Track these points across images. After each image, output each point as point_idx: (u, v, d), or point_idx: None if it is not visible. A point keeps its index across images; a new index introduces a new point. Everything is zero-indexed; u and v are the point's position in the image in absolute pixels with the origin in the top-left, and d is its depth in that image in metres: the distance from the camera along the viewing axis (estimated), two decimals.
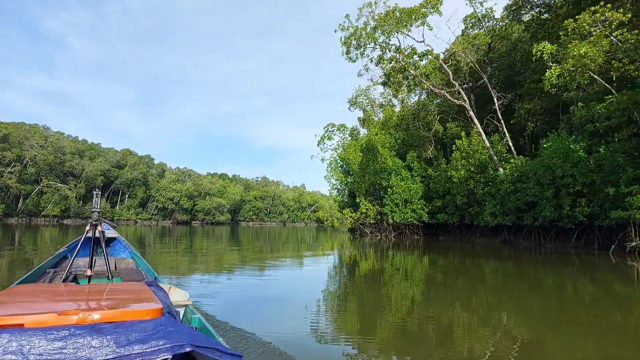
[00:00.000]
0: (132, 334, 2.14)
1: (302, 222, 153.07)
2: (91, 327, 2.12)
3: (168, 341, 2.12)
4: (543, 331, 6.28)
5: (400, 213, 33.32)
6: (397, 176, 34.15)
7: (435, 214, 33.29)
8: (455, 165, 29.63)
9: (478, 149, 28.69)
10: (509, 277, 13.39)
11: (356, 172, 40.01)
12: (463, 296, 9.51)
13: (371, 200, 37.07)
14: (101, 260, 6.73)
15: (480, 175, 28.60)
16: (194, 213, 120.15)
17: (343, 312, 7.93)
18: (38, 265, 5.94)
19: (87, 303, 2.51)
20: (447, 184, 31.68)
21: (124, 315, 2.29)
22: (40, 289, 2.97)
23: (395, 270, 14.89)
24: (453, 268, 15.68)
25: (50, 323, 2.11)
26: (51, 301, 2.55)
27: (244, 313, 7.46)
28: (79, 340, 2.02)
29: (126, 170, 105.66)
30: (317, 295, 9.59)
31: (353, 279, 13.01)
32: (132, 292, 2.97)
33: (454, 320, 7.09)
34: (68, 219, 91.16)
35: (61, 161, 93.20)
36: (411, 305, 8.56)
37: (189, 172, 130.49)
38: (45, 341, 1.96)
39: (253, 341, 5.44)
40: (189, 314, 4.14)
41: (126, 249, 8.33)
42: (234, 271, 13.71)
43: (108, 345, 2.05)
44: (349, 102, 60.69)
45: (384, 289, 10.71)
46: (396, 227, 35.70)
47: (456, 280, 12.27)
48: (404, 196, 33.33)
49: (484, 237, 30.33)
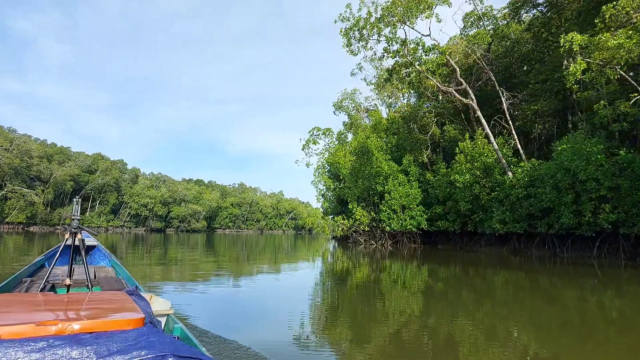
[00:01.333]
0: (113, 344, 2.05)
1: (279, 230, 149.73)
2: (70, 337, 2.03)
3: (150, 351, 2.03)
4: (562, 348, 5.86)
5: (398, 220, 31.01)
6: (394, 181, 31.90)
7: (434, 221, 31.10)
8: (459, 169, 27.52)
9: (484, 151, 26.72)
10: (521, 289, 12.14)
11: (348, 176, 37.63)
12: (467, 308, 8.89)
13: (364, 206, 34.74)
14: (80, 268, 6.57)
15: (486, 180, 26.59)
16: (168, 220, 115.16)
17: (330, 322, 7.64)
18: (14, 274, 5.76)
19: (66, 313, 2.40)
20: (447, 189, 29.60)
21: (105, 325, 2.20)
22: (16, 299, 2.84)
23: (391, 281, 13.83)
24: (456, 279, 14.61)
25: (27, 334, 2.00)
26: (28, 311, 2.42)
27: (226, 322, 7.31)
28: (57, 351, 1.93)
29: (97, 176, 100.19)
30: (304, 305, 9.33)
31: (343, 289, 12.22)
32: (112, 301, 2.84)
33: (456, 333, 6.66)
34: (34, 226, 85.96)
35: (28, 165, 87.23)
36: (407, 316, 8.10)
37: (164, 178, 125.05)
38: (22, 353, 1.87)
39: (236, 350, 5.34)
40: (171, 324, 4.04)
41: (106, 257, 8.07)
42: (214, 281, 13.14)
43: (88, 356, 1.96)
44: (334, 106, 58.53)
45: (377, 299, 10.17)
46: (392, 235, 33.39)
47: (460, 292, 11.44)
48: (402, 202, 31.07)
49: (490, 245, 28.25)
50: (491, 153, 26.59)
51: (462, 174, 27.23)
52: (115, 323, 2.24)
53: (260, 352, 5.27)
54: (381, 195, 34.17)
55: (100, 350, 2.00)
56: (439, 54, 23.23)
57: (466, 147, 27.57)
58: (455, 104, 34.10)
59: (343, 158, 40.54)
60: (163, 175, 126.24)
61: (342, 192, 39.18)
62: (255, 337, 6.13)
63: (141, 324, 2.33)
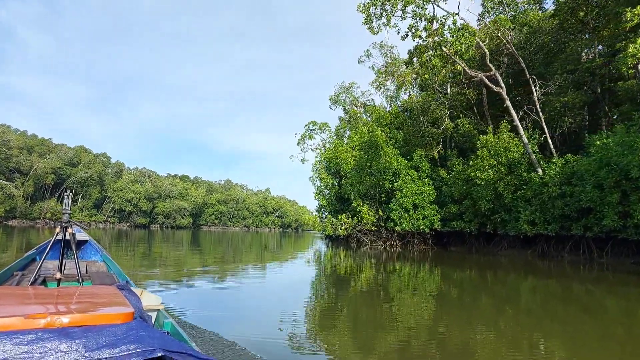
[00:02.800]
0: (102, 338, 2.02)
1: (266, 227, 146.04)
2: (59, 331, 1.99)
3: (139, 345, 2.01)
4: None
5: (410, 220, 28.24)
6: (406, 177, 29.11)
7: (448, 222, 28.43)
8: (480, 165, 24.86)
9: (509, 146, 24.10)
10: (551, 297, 10.85)
11: (351, 173, 34.67)
12: (487, 316, 8.24)
13: (370, 204, 31.94)
14: (71, 263, 6.46)
15: (511, 177, 23.97)
16: (153, 216, 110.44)
17: (328, 325, 7.20)
18: (4, 268, 5.70)
19: (55, 306, 2.33)
20: (464, 187, 26.97)
21: (94, 319, 2.15)
22: (6, 292, 2.73)
23: (400, 284, 12.83)
24: (473, 283, 13.46)
25: (16, 327, 1.96)
26: (18, 304, 2.36)
27: (216, 319, 7.09)
28: (46, 344, 1.89)
29: (80, 169, 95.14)
30: (299, 305, 8.89)
31: (344, 291, 11.32)
32: (102, 295, 2.79)
33: (473, 343, 6.01)
34: (14, 220, 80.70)
35: (7, 156, 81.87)
36: (416, 321, 7.51)
37: (149, 173, 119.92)
38: (11, 345, 1.84)
39: (226, 346, 5.26)
40: (161, 319, 3.92)
41: (97, 252, 8.02)
42: (203, 278, 12.78)
43: (77, 349, 1.92)
44: (330, 100, 55.73)
45: (382, 303, 9.44)
46: (401, 236, 30.64)
47: (478, 298, 10.47)
48: (414, 200, 28.29)
49: (512, 248, 25.61)
50: (517, 148, 23.99)
51: (484, 170, 24.55)
52: (104, 317, 2.19)
53: (251, 349, 5.17)
54: (388, 193, 31.40)
55: (89, 343, 1.96)
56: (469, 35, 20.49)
57: (489, 141, 24.92)
58: (468, 97, 31.54)
59: (345, 153, 37.62)
60: (148, 170, 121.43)
61: (344, 189, 36.26)
62: (247, 334, 5.99)
63: (131, 318, 2.27)
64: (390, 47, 32.57)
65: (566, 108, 24.58)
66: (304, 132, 52.37)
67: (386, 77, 34.42)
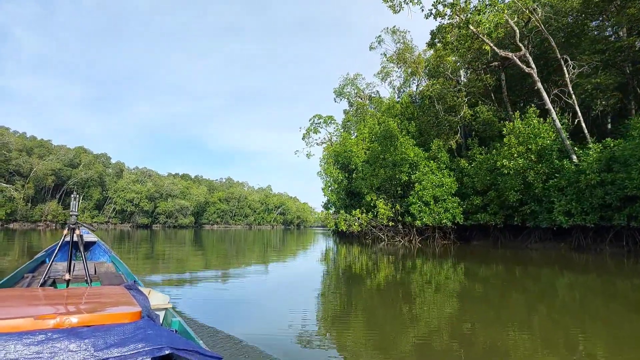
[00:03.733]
0: (110, 337, 2.03)
1: (268, 225, 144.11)
2: (68, 331, 2.01)
3: (147, 344, 2.02)
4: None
5: (431, 213, 26.38)
6: (425, 168, 27.22)
7: (470, 214, 26.59)
8: (508, 153, 23.00)
9: (539, 132, 22.24)
10: (590, 293, 9.95)
11: (364, 166, 32.76)
12: (517, 314, 7.35)
13: (384, 198, 30.09)
14: (80, 264, 6.39)
15: (542, 165, 22.13)
16: (155, 216, 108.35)
17: (341, 323, 6.80)
18: (16, 270, 5.76)
19: (64, 307, 2.34)
20: (488, 178, 25.14)
21: (102, 319, 2.15)
22: (16, 294, 2.81)
23: (422, 281, 11.75)
24: (500, 279, 12.32)
25: (26, 328, 1.97)
26: (28, 306, 2.38)
27: (224, 317, 7.01)
28: (56, 344, 1.91)
29: (80, 170, 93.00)
30: (311, 304, 8.53)
31: (359, 288, 10.63)
32: (111, 295, 2.79)
33: (502, 342, 5.57)
34: (14, 223, 78.88)
35: (6, 159, 79.81)
36: (438, 320, 6.86)
37: (149, 172, 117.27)
38: (21, 346, 1.86)
39: (234, 344, 5.23)
40: (169, 317, 3.97)
41: (106, 253, 8.00)
42: (211, 277, 12.50)
43: (86, 349, 1.94)
44: (334, 93, 53.84)
45: (401, 300, 8.80)
46: (420, 231, 28.80)
47: (507, 295, 9.71)
48: (435, 193, 26.42)
49: (543, 241, 23.75)
50: (547, 134, 22.14)
51: (512, 158, 22.69)
52: (113, 316, 2.19)
53: (260, 346, 5.13)
54: (405, 186, 29.57)
55: (97, 343, 1.97)
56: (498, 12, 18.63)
57: (516, 128, 23.04)
58: (485, 83, 29.67)
59: (355, 146, 35.73)
60: (148, 169, 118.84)
61: (355, 183, 34.39)
62: (255, 331, 5.91)
63: (138, 317, 2.27)
64: (403, 32, 30.66)
65: (598, 90, 22.73)
66: (309, 126, 50.58)
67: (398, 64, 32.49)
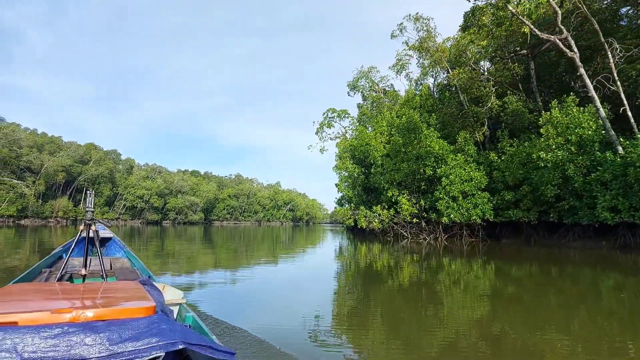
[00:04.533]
0: (125, 331, 2.03)
1: (277, 221, 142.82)
2: (84, 325, 2.02)
3: (161, 339, 2.02)
4: None
5: (459, 209, 24.71)
6: (453, 162, 25.52)
7: (501, 210, 24.89)
8: (545, 145, 21.28)
9: (580, 121, 20.51)
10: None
11: (384, 160, 31.10)
12: (555, 317, 6.68)
13: (406, 193, 28.46)
14: (96, 259, 6.45)
15: (583, 157, 20.40)
16: (165, 212, 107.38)
17: (359, 322, 6.48)
18: (34, 265, 5.83)
19: (81, 301, 2.40)
20: (520, 171, 23.41)
21: (117, 313, 2.18)
22: (34, 288, 2.87)
23: (449, 281, 10.88)
24: (535, 280, 11.24)
25: (43, 321, 2.02)
26: (45, 300, 2.43)
27: (238, 313, 6.82)
28: (72, 338, 1.92)
29: (90, 166, 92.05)
30: (326, 300, 8.32)
31: (379, 287, 9.98)
32: (125, 290, 2.83)
33: (537, 344, 5.12)
34: (26, 219, 78.07)
35: (17, 155, 79.02)
36: (467, 321, 6.36)
37: (159, 169, 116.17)
38: (39, 339, 1.87)
39: (247, 339, 5.12)
40: (183, 312, 3.93)
41: (121, 248, 7.93)
42: (225, 272, 12.12)
43: (101, 342, 1.94)
44: (348, 86, 52.22)
45: (425, 301, 8.16)
46: (445, 228, 27.13)
47: (543, 297, 8.60)
48: (464, 188, 24.74)
49: (582, 239, 22.00)
50: (588, 124, 20.39)
51: (550, 150, 20.98)
52: (127, 311, 2.20)
53: (274, 343, 4.96)
54: (428, 181, 27.92)
55: (112, 337, 1.97)
56: None
57: (554, 117, 21.30)
58: (513, 72, 27.88)
59: (374, 140, 34.07)
60: (158, 166, 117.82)
61: (374, 178, 32.78)
62: (269, 328, 5.76)
63: (152, 312, 2.28)
64: (426, 19, 28.92)
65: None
66: (323, 120, 48.96)
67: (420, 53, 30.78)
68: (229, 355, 2.14)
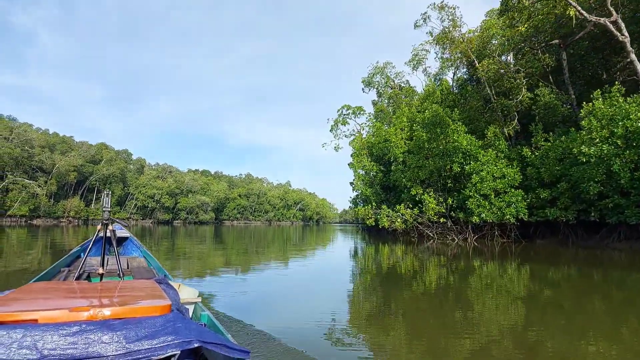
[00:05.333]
0: (141, 329, 2.02)
1: (288, 221, 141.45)
2: (101, 323, 2.01)
3: (176, 337, 2.01)
4: None
5: (491, 208, 23.01)
6: (485, 157, 23.83)
7: (535, 209, 23.19)
8: (588, 138, 19.58)
9: (627, 113, 18.79)
10: None
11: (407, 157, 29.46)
12: (601, 324, 6.17)
13: (431, 192, 26.82)
14: (113, 258, 6.51)
15: (631, 152, 18.68)
16: (175, 212, 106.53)
17: (375, 320, 6.37)
18: (53, 264, 5.85)
19: (98, 300, 2.41)
20: (557, 167, 21.72)
21: (134, 312, 2.17)
22: (53, 287, 2.86)
23: (480, 284, 9.96)
24: (574, 284, 10.27)
25: (62, 319, 2.02)
26: (64, 298, 2.45)
27: (254, 312, 6.70)
28: (90, 335, 1.92)
29: (102, 166, 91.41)
30: (341, 300, 7.88)
31: (402, 289, 9.17)
32: (142, 289, 2.81)
33: (579, 353, 4.67)
34: (38, 219, 77.37)
35: (29, 155, 78.41)
36: (499, 327, 5.85)
37: (170, 169, 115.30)
38: (58, 336, 1.87)
39: (262, 338, 5.03)
40: (198, 311, 3.90)
41: (138, 248, 7.94)
42: (236, 272, 11.83)
43: (118, 340, 1.93)
44: (362, 83, 50.65)
45: (453, 304, 7.49)
46: (475, 228, 25.42)
47: (586, 302, 7.83)
48: (496, 185, 23.04)
49: (629, 240, 20.13)
50: (637, 115, 18.66)
51: (593, 144, 19.28)
52: (143, 309, 2.20)
53: (288, 342, 4.85)
54: (454, 178, 26.28)
55: (129, 335, 1.96)
56: None
57: (597, 109, 19.60)
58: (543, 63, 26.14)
59: (394, 136, 32.45)
60: (169, 165, 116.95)
61: (395, 176, 31.20)
62: (284, 327, 5.58)
63: (168, 310, 2.28)
64: (452, 8, 27.26)
65: None
66: (337, 117, 47.44)
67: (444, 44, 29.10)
68: (244, 354, 2.09)
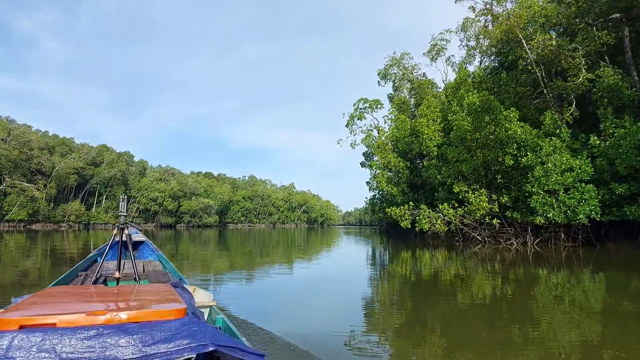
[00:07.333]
0: (157, 333, 2.02)
1: (292, 223, 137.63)
2: (118, 326, 2.01)
3: (192, 341, 2.00)
4: None
5: (560, 207, 19.24)
6: (549, 147, 20.08)
7: (608, 207, 19.52)
8: None
9: None
10: None
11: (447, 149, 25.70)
12: None
13: (477, 189, 23.13)
14: (129, 263, 6.50)
15: None
16: (179, 215, 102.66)
17: (402, 331, 5.64)
18: (71, 269, 5.73)
19: (115, 304, 2.39)
20: (637, 158, 18.06)
21: (150, 316, 2.17)
22: (71, 291, 2.87)
23: (544, 296, 8.04)
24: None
25: (79, 323, 2.02)
26: (81, 302, 2.44)
27: (269, 316, 6.40)
28: (106, 339, 1.92)
29: (103, 168, 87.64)
30: (362, 308, 7.17)
31: (433, 297, 8.11)
32: (157, 293, 2.80)
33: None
34: (37, 224, 73.95)
35: (28, 157, 74.74)
36: (568, 342, 4.85)
37: (172, 171, 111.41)
38: (75, 340, 1.88)
39: (277, 342, 4.86)
40: (214, 315, 3.93)
41: (154, 252, 7.86)
42: (249, 275, 11.37)
43: (134, 344, 1.93)
44: (378, 75, 47.08)
45: (507, 317, 6.26)
46: (534, 231, 21.59)
47: None
48: (565, 179, 19.30)
49: None
50: None
51: None
52: (159, 313, 2.19)
53: (304, 347, 4.65)
54: (505, 172, 22.58)
55: (145, 339, 1.96)
56: None
57: None
58: (602, 41, 22.54)
59: (427, 128, 28.74)
60: (172, 168, 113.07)
61: (428, 172, 27.51)
62: (300, 332, 5.34)
63: (183, 314, 2.26)
64: None
65: None
66: (353, 112, 43.91)
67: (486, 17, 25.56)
68: (259, 358, 2.09)
